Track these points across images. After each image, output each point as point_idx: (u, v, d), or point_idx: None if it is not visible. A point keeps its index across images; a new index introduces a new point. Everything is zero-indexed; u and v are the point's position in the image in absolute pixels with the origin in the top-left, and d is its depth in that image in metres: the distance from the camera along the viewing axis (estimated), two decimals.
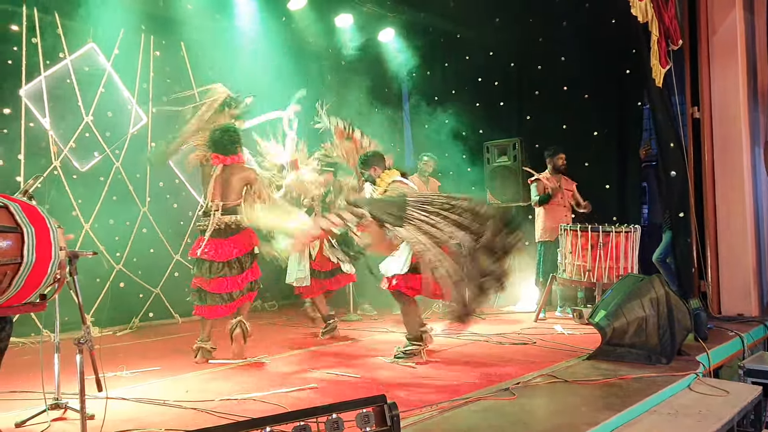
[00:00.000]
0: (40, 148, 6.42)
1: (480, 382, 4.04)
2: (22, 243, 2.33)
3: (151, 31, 7.38)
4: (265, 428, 2.36)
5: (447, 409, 3.43)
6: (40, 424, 3.37)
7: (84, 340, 2.78)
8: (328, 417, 2.51)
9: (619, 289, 4.83)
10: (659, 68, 6.17)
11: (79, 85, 6.73)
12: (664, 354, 4.38)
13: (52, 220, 2.50)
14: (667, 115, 6.34)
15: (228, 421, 3.23)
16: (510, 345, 5.32)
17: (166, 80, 7.62)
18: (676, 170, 6.33)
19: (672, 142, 6.34)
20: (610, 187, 7.38)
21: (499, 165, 7.85)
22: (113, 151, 6.99)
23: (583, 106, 7.61)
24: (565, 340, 5.46)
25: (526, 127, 8.06)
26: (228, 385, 4.20)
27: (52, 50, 6.55)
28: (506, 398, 3.60)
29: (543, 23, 7.87)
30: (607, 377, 3.99)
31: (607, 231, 6.16)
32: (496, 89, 8.42)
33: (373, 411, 2.61)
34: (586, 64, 7.51)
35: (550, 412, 3.35)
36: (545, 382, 3.93)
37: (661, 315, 4.46)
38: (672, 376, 3.99)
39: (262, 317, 7.37)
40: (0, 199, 2.39)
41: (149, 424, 3.34)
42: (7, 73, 6.17)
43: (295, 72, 8.29)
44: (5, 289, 2.30)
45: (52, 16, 6.51)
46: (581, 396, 3.61)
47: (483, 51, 8.42)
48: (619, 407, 3.32)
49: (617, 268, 6.14)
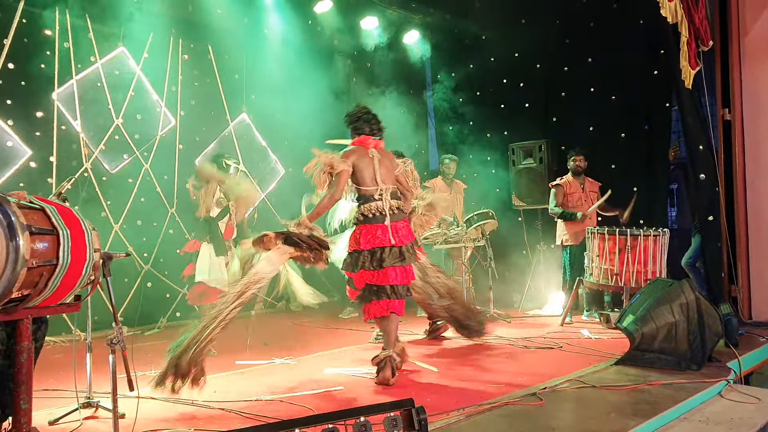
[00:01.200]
0: (72, 150, 6.55)
1: (506, 386, 4.01)
2: (58, 245, 2.38)
3: (180, 35, 7.48)
4: (294, 430, 2.37)
5: (473, 414, 3.42)
6: (73, 422, 3.43)
7: (116, 341, 2.82)
8: (356, 420, 2.52)
9: (648, 293, 4.77)
10: (689, 69, 6.08)
11: (109, 89, 6.85)
12: (694, 360, 4.32)
13: (86, 223, 2.54)
14: (696, 117, 6.25)
15: (256, 422, 3.26)
16: (536, 349, 5.28)
17: (194, 83, 7.73)
18: (705, 173, 6.22)
19: (701, 144, 6.24)
20: (637, 190, 7.28)
21: (524, 167, 7.81)
22: (142, 153, 7.09)
23: (610, 107, 7.52)
24: (592, 344, 5.40)
25: (552, 129, 7.99)
26: (256, 386, 4.23)
27: (84, 54, 6.68)
28: (533, 403, 3.58)
29: (570, 24, 7.80)
30: (636, 383, 3.95)
31: (635, 234, 6.09)
32: (521, 91, 8.35)
33: (401, 415, 2.61)
34: (613, 65, 7.41)
35: (578, 418, 3.32)
36: (573, 388, 3.89)
37: (692, 320, 4.40)
38: (702, 383, 3.93)
39: (288, 318, 7.42)
40: (37, 201, 2.44)
41: (178, 424, 3.39)
42: (40, 77, 6.30)
43: (321, 74, 8.35)
44: (41, 289, 2.35)
45: (84, 20, 6.63)
46: (610, 402, 3.57)
47: (508, 52, 8.37)
48: (648, 414, 3.28)
49: (645, 272, 6.05)
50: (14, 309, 2.36)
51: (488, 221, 7.20)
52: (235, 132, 8.06)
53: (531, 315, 7.31)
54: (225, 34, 7.71)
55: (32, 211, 2.38)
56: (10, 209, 2.24)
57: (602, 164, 7.20)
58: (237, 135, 8.06)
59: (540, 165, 7.68)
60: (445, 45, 8.92)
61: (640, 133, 7.38)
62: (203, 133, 7.74)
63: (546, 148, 7.67)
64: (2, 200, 2.25)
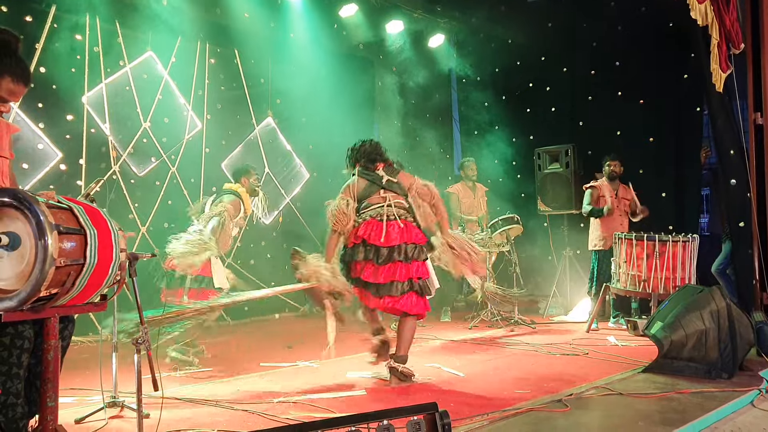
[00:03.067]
0: (101, 153, 6.63)
1: (531, 393, 3.97)
2: (85, 245, 2.39)
3: (206, 39, 7.55)
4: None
5: (497, 420, 3.38)
6: (98, 422, 3.46)
7: (141, 341, 2.84)
8: (379, 423, 2.50)
9: (677, 300, 4.68)
10: (720, 73, 5.96)
11: (137, 93, 6.93)
12: (725, 369, 4.22)
13: (113, 223, 2.56)
14: (727, 121, 6.12)
15: (279, 424, 3.25)
16: (562, 356, 5.21)
17: (220, 88, 7.79)
18: (736, 178, 6.10)
19: (732, 149, 6.11)
20: (666, 195, 7.16)
21: (550, 172, 7.74)
22: (169, 156, 7.17)
23: (638, 111, 7.43)
24: (619, 351, 5.32)
25: (579, 134, 7.92)
26: (279, 389, 4.23)
27: (113, 59, 6.77)
28: (559, 410, 3.52)
29: (597, 27, 7.73)
30: (664, 391, 3.87)
31: (664, 240, 5.99)
32: (547, 95, 8.29)
33: (424, 419, 2.59)
34: (641, 69, 7.33)
35: (604, 426, 3.26)
36: (599, 395, 3.83)
37: (722, 328, 4.30)
38: (733, 392, 3.84)
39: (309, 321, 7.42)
40: (65, 201, 2.47)
41: (201, 425, 3.40)
42: (71, 80, 6.39)
43: (346, 79, 8.36)
44: (69, 288, 2.37)
45: (113, 25, 6.73)
46: (637, 410, 3.50)
47: (535, 56, 8.32)
48: (677, 423, 3.21)
49: (674, 279, 5.95)
50: (42, 307, 2.39)
51: (513, 226, 7.15)
52: (261, 136, 8.10)
53: (556, 321, 7.23)
54: (251, 38, 7.76)
55: (60, 211, 2.41)
56: (39, 208, 2.26)
57: (629, 169, 7.09)
58: (262, 139, 8.11)
59: (566, 170, 7.61)
60: (470, 49, 8.90)
61: (668, 138, 7.27)
62: (229, 137, 7.80)
63: (572, 152, 7.60)
64: (31, 200, 2.28)
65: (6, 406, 2.44)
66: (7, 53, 2.64)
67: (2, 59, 2.62)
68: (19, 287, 2.30)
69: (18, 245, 2.28)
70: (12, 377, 2.45)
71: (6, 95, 2.65)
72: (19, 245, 2.28)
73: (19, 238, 2.28)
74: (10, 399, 2.46)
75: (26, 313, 2.36)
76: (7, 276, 2.32)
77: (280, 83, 8.19)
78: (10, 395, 2.45)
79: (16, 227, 2.31)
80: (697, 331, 4.32)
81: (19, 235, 2.29)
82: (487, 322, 7.01)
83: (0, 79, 2.61)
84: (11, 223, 2.32)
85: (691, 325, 4.33)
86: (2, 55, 2.62)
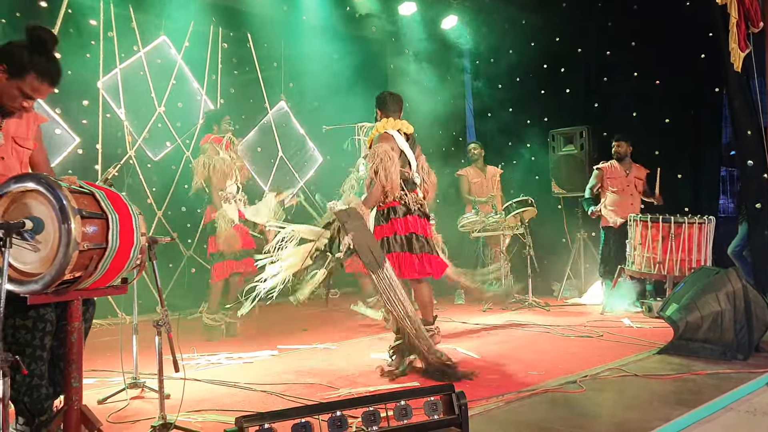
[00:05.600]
0: (117, 138, 6.69)
1: (546, 374, 3.98)
2: (107, 229, 2.43)
3: (219, 23, 7.56)
4: (336, 412, 2.40)
5: (513, 401, 3.41)
6: (120, 402, 3.54)
7: (162, 323, 2.89)
8: (396, 404, 2.54)
9: (693, 282, 4.67)
10: (738, 52, 5.90)
11: (151, 77, 6.97)
12: (740, 350, 4.22)
13: (133, 207, 2.60)
14: (744, 101, 6.06)
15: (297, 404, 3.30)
16: (576, 338, 5.23)
17: (233, 72, 7.81)
18: (753, 159, 6.05)
19: (749, 129, 6.06)
20: (682, 177, 7.10)
21: (564, 154, 7.70)
22: (184, 141, 7.21)
23: (654, 92, 7.34)
24: (633, 333, 5.33)
25: (594, 115, 7.85)
26: (297, 370, 4.29)
27: (127, 44, 6.81)
28: (574, 391, 3.55)
29: (612, 7, 7.62)
30: (680, 372, 3.88)
31: (680, 222, 5.96)
32: (562, 76, 8.21)
33: (441, 399, 2.63)
34: (657, 49, 7.22)
35: (620, 407, 3.27)
36: (614, 376, 3.85)
37: (738, 309, 4.29)
38: (749, 373, 3.83)
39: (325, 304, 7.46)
40: (86, 186, 2.50)
41: (221, 405, 3.46)
42: (86, 66, 6.43)
43: (359, 61, 8.34)
44: (92, 272, 2.41)
45: (127, 10, 6.76)
46: (652, 391, 3.51)
47: (549, 37, 8.22)
48: (693, 403, 3.22)
49: (690, 261, 5.92)
50: (65, 290, 2.44)
51: (527, 209, 7.13)
52: (274, 120, 8.12)
53: (570, 303, 7.23)
54: (264, 21, 7.75)
55: (82, 196, 2.44)
56: (62, 193, 2.30)
57: (646, 150, 7.04)
58: (276, 123, 8.13)
59: (581, 152, 7.57)
60: (483, 30, 8.81)
61: (685, 119, 7.19)
62: (243, 122, 7.82)
63: (587, 134, 7.55)
64: (54, 185, 2.32)
65: (31, 387, 2.50)
66: (41, 51, 2.66)
67: (33, 56, 2.64)
68: (42, 271, 2.34)
69: (41, 230, 2.32)
70: (36, 359, 2.50)
71: (30, 91, 2.68)
72: (42, 230, 2.32)
73: (42, 222, 2.32)
74: (35, 380, 2.52)
75: (50, 296, 2.41)
76: (31, 260, 2.36)
77: (292, 67, 8.20)
78: (35, 377, 2.51)
79: (39, 212, 2.35)
80: (712, 313, 4.31)
81: (42, 219, 2.33)
82: (500, 305, 7.03)
83: (26, 75, 2.64)
84: (35, 207, 2.36)
85: (706, 307, 4.33)
86: (34, 52, 2.64)
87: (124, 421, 3.22)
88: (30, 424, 2.52)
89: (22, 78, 2.64)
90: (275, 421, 2.25)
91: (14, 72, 2.63)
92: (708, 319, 4.31)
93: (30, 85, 2.66)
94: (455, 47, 9.01)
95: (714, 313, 4.31)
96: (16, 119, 2.80)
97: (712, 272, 4.65)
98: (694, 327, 4.35)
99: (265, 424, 2.22)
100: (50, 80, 2.72)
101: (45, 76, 2.68)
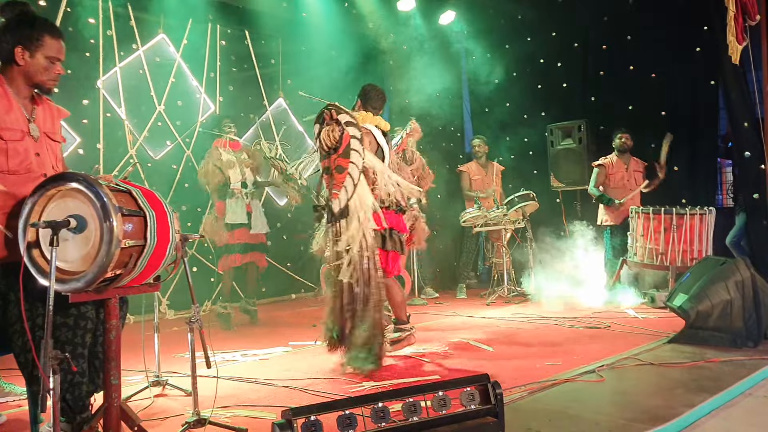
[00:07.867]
0: (117, 137, 6.64)
1: (562, 365, 4.04)
2: (145, 226, 2.44)
3: (217, 20, 7.52)
4: (378, 403, 2.43)
5: (536, 391, 3.45)
6: (144, 400, 3.53)
7: (194, 320, 2.90)
8: (434, 395, 2.57)
9: (700, 272, 4.75)
10: (736, 45, 5.99)
11: (150, 76, 6.92)
12: (750, 337, 4.30)
13: (168, 205, 2.61)
14: (740, 93, 6.17)
15: (322, 399, 3.32)
16: (585, 329, 5.29)
17: (231, 69, 7.78)
18: (750, 150, 6.16)
19: (746, 121, 6.18)
20: (679, 169, 7.20)
21: (563, 148, 7.78)
22: (184, 139, 7.17)
23: (650, 86, 7.43)
24: (640, 324, 5.41)
25: (591, 109, 7.93)
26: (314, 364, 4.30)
27: (126, 42, 6.75)
28: (594, 380, 3.60)
29: (608, 1, 7.70)
30: (694, 360, 3.95)
31: (681, 213, 6.05)
32: (559, 70, 8.28)
33: (477, 390, 2.66)
34: (653, 42, 7.32)
35: (643, 394, 3.33)
36: (631, 365, 3.91)
37: (747, 298, 4.38)
38: (762, 360, 3.91)
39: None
40: (122, 184, 2.51)
41: (248, 401, 3.46)
42: (85, 64, 6.38)
43: (358, 57, 8.33)
44: (131, 269, 2.41)
45: (125, 8, 6.70)
46: (672, 378, 3.58)
47: (545, 32, 8.29)
48: (713, 390, 3.28)
49: (691, 252, 6.02)
50: (105, 288, 2.44)
51: (529, 203, 7.19)
52: (273, 117, 8.10)
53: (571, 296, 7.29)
54: (262, 18, 7.73)
55: (120, 194, 2.45)
56: (102, 191, 2.30)
57: (642, 143, 7.13)
58: (275, 120, 8.11)
59: (579, 145, 7.65)
60: (481, 25, 8.86)
61: (681, 111, 7.29)
62: (242, 119, 7.78)
63: (585, 128, 7.63)
64: (94, 182, 2.31)
65: (73, 385, 2.50)
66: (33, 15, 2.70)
67: (34, 22, 2.66)
68: (83, 269, 2.34)
69: (84, 228, 2.32)
70: (77, 357, 2.50)
71: (54, 53, 2.67)
72: (85, 228, 2.32)
73: (85, 220, 2.32)
74: (77, 378, 2.51)
75: (91, 294, 2.42)
76: (73, 258, 2.36)
77: (291, 63, 8.18)
78: (76, 375, 2.50)
79: (80, 210, 2.34)
80: (722, 301, 4.39)
81: (84, 217, 2.33)
82: (504, 298, 7.10)
83: (42, 40, 2.63)
84: (75, 206, 2.36)
85: (716, 296, 4.41)
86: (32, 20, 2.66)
87: (154, 419, 3.21)
88: (71, 422, 2.52)
89: (41, 43, 2.63)
90: (322, 413, 2.27)
91: (32, 45, 2.61)
92: (718, 307, 4.39)
93: (51, 47, 2.66)
94: (453, 43, 9.04)
95: (724, 302, 4.39)
96: (42, 113, 2.77)
97: (719, 262, 4.73)
98: (705, 316, 4.43)
99: (311, 416, 2.24)
100: (59, 34, 2.73)
101: (54, 31, 2.70)
